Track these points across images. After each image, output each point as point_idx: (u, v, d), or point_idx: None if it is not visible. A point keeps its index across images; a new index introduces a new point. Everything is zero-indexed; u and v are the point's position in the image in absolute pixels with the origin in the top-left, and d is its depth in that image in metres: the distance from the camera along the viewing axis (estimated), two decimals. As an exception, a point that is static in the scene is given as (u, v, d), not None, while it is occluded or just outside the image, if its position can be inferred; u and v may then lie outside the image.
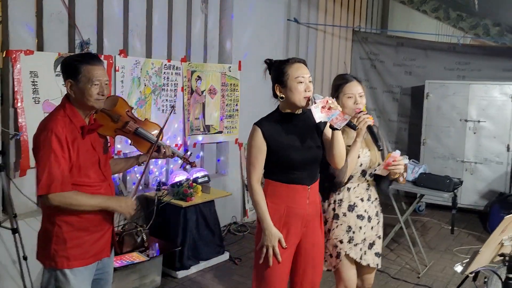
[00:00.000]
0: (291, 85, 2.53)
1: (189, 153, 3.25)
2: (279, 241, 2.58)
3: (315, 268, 2.75)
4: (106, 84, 2.41)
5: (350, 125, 2.56)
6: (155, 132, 2.88)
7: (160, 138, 2.85)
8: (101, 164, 2.50)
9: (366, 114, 2.79)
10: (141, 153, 2.85)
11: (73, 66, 2.35)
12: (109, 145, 2.75)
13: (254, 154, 2.60)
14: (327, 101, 2.43)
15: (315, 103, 2.44)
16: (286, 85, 2.55)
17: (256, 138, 2.59)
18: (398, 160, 2.84)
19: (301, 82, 2.53)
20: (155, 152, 2.82)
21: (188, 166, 3.22)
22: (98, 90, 2.36)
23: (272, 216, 2.59)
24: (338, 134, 2.53)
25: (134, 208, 2.54)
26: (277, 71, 2.60)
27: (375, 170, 2.97)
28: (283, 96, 2.58)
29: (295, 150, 2.58)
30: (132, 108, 2.91)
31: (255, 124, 2.63)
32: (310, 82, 2.57)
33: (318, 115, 2.42)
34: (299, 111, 2.64)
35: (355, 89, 2.86)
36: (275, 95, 2.65)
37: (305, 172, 2.63)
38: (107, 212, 2.50)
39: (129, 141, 2.91)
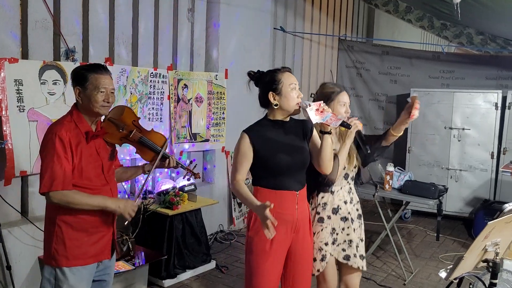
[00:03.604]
0: (286, 92, 2.64)
1: (193, 164, 3.35)
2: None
3: (305, 274, 2.77)
4: (112, 92, 2.57)
5: (344, 125, 2.67)
6: (160, 142, 2.96)
7: (164, 149, 2.94)
8: (104, 169, 2.63)
9: (357, 120, 2.95)
10: (147, 162, 2.97)
11: (81, 74, 2.53)
12: (116, 152, 2.87)
13: (239, 160, 2.66)
14: (320, 104, 2.56)
15: (309, 106, 2.56)
16: (281, 92, 2.65)
17: (243, 144, 2.66)
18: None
19: (294, 89, 2.65)
20: (161, 161, 2.95)
21: (192, 177, 3.28)
22: (104, 97, 2.53)
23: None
24: (328, 138, 2.65)
25: (134, 210, 2.61)
26: (271, 79, 2.68)
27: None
28: (278, 103, 2.65)
29: (284, 155, 2.64)
30: (139, 118, 3.00)
31: (244, 131, 2.70)
32: (299, 88, 2.70)
33: (314, 117, 2.55)
34: (288, 118, 2.74)
35: (346, 98, 3.08)
36: (264, 104, 2.73)
37: (293, 178, 2.69)
38: (106, 215, 2.60)
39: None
